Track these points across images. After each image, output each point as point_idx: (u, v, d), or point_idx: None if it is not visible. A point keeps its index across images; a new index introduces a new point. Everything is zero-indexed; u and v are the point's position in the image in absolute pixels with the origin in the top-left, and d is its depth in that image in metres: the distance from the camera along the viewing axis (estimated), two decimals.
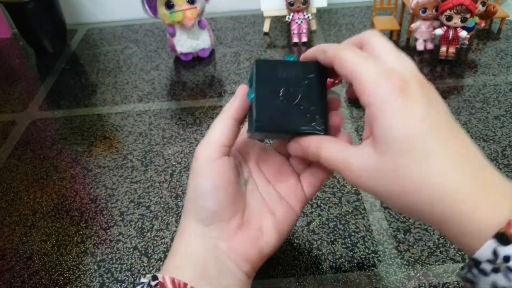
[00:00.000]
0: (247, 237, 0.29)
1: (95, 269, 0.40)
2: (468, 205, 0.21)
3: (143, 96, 0.64)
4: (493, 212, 0.21)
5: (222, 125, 0.29)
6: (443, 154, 0.22)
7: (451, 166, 0.22)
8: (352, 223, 0.42)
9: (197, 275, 0.27)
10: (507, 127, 0.52)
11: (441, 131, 0.23)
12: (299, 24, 0.72)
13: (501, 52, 0.67)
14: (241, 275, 0.29)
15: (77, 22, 0.89)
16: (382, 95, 0.23)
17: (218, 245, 0.29)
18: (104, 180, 0.50)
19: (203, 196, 0.28)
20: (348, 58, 0.25)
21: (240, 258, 0.29)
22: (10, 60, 0.79)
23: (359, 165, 0.25)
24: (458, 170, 0.22)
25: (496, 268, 0.20)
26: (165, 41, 0.79)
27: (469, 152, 0.23)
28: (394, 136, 0.22)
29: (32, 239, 0.44)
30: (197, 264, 0.28)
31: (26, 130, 0.60)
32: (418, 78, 0.24)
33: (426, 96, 0.23)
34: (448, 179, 0.22)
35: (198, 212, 0.29)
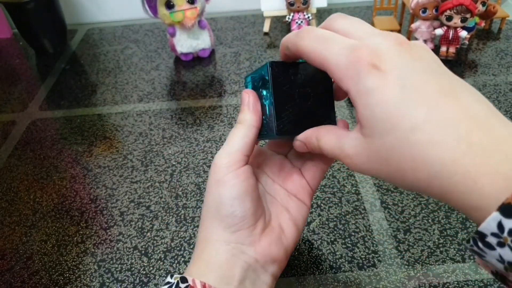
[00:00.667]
0: (272, 238, 0.30)
1: (95, 269, 0.40)
2: (468, 176, 0.19)
3: (143, 96, 0.64)
4: (496, 181, 0.18)
5: (243, 134, 0.29)
6: (431, 122, 0.20)
7: (443, 133, 0.19)
8: (352, 223, 0.42)
9: (223, 282, 0.27)
10: None
11: (426, 94, 0.20)
12: (299, 24, 0.72)
13: (501, 52, 0.67)
14: (267, 278, 0.29)
15: (77, 22, 0.89)
16: (353, 76, 0.22)
17: (245, 251, 0.29)
18: (104, 180, 0.50)
19: (230, 204, 0.28)
20: (309, 47, 0.24)
21: (268, 260, 0.29)
22: (10, 60, 0.79)
23: (353, 151, 0.24)
24: (453, 137, 0.19)
25: (502, 242, 0.18)
26: (165, 41, 0.79)
27: (466, 110, 0.20)
28: (374, 116, 0.21)
29: (32, 239, 0.44)
30: (222, 270, 0.28)
31: (26, 130, 0.60)
32: (391, 39, 0.22)
33: (405, 57, 0.21)
34: (443, 151, 0.19)
35: (223, 220, 0.28)
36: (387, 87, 0.21)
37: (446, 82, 0.21)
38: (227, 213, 0.28)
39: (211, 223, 0.29)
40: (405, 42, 0.22)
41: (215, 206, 0.29)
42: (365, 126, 0.22)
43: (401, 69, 0.21)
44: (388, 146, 0.21)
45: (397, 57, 0.21)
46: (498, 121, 0.20)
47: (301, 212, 0.32)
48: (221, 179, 0.28)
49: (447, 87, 0.21)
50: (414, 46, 0.22)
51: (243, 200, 0.28)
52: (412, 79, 0.21)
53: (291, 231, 0.31)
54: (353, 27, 0.24)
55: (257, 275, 0.29)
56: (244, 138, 0.29)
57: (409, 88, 0.20)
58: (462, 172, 0.19)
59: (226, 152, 0.29)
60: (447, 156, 0.19)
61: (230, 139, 0.29)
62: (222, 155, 0.29)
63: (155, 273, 0.40)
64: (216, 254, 0.28)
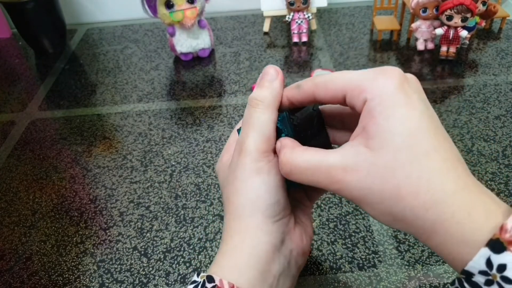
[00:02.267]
0: (302, 230, 0.30)
1: (94, 270, 0.40)
2: (463, 209, 0.20)
3: (142, 96, 0.64)
4: (487, 217, 0.20)
5: (269, 118, 0.27)
6: (442, 154, 0.21)
7: (449, 167, 0.21)
8: (353, 223, 0.42)
9: (259, 276, 0.26)
10: (507, 127, 0.52)
11: (437, 131, 0.22)
12: (299, 23, 0.72)
13: (501, 52, 0.67)
14: (295, 270, 0.29)
15: (77, 22, 0.89)
16: (382, 88, 0.22)
17: (285, 240, 0.28)
18: (103, 180, 0.50)
19: (275, 192, 0.27)
20: (328, 79, 0.25)
21: (300, 252, 0.29)
22: (10, 60, 0.79)
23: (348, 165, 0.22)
24: (454, 173, 0.21)
25: (490, 280, 0.19)
26: (165, 41, 0.78)
27: (458, 156, 0.22)
28: (394, 130, 0.21)
29: (32, 239, 0.44)
30: (262, 264, 0.26)
31: (26, 130, 0.60)
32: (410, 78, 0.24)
33: (421, 95, 0.23)
34: (447, 181, 0.21)
35: (267, 209, 0.27)
36: (412, 106, 0.22)
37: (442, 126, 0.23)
38: (273, 201, 0.27)
39: (250, 213, 0.27)
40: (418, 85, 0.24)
41: (255, 195, 0.27)
42: (377, 138, 0.22)
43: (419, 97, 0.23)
44: (399, 163, 0.21)
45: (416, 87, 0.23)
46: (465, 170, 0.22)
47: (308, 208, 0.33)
48: (261, 169, 0.27)
49: (444, 131, 0.23)
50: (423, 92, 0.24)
51: (284, 190, 0.28)
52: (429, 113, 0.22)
53: (309, 225, 0.31)
54: None
55: (289, 268, 0.28)
56: (270, 124, 0.27)
57: (426, 115, 0.22)
58: (459, 203, 0.20)
59: (260, 141, 0.27)
60: (449, 187, 0.21)
61: (256, 124, 0.27)
62: (257, 143, 0.27)
63: (155, 273, 0.40)
64: (258, 245, 0.27)
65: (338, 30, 0.77)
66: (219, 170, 0.31)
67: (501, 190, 0.44)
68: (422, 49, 0.68)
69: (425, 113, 0.22)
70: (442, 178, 0.21)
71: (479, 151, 0.49)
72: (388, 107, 0.22)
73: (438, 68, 0.65)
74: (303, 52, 0.72)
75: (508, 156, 0.48)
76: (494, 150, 0.49)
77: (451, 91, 0.59)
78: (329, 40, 0.74)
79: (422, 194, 0.21)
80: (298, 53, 0.72)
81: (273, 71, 0.28)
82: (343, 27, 0.78)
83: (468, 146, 0.50)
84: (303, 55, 0.71)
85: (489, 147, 0.50)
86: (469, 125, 0.53)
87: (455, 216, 0.20)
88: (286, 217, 0.28)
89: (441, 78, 0.62)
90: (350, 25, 0.78)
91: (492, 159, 0.48)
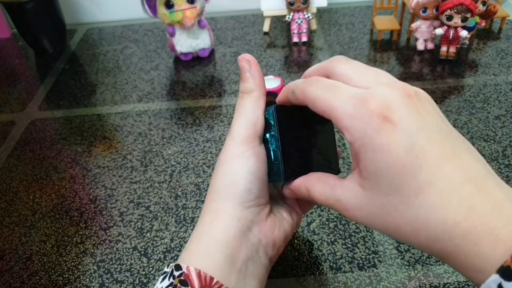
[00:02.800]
0: (276, 222, 0.30)
1: (94, 270, 0.40)
2: (469, 238, 0.19)
3: (142, 96, 0.64)
4: (496, 243, 0.19)
5: (254, 106, 0.28)
6: (437, 185, 0.20)
7: (447, 196, 0.20)
8: (353, 223, 0.42)
9: (227, 260, 0.27)
10: (507, 127, 0.52)
11: (433, 155, 0.20)
12: (299, 23, 0.72)
13: (501, 52, 0.67)
14: (266, 260, 0.29)
15: (77, 22, 0.89)
16: (360, 128, 0.21)
17: (252, 228, 0.29)
18: (103, 180, 0.50)
19: (249, 180, 0.28)
20: (315, 93, 0.23)
21: (270, 242, 0.29)
22: (10, 60, 0.79)
23: (352, 205, 0.23)
24: (455, 200, 0.20)
25: None
26: (164, 41, 0.78)
27: (468, 171, 0.20)
28: (380, 173, 0.20)
29: (32, 239, 0.44)
30: (229, 249, 0.27)
31: (26, 130, 0.60)
32: (399, 90, 0.21)
33: (413, 111, 0.21)
34: (445, 214, 0.20)
35: (238, 194, 0.28)
36: (395, 145, 0.20)
37: (450, 142, 0.21)
38: (245, 188, 0.28)
39: (224, 197, 0.28)
40: (413, 94, 0.21)
41: (231, 180, 0.28)
42: (367, 180, 0.22)
43: (410, 125, 0.20)
44: (392, 206, 0.21)
45: (407, 112, 0.21)
46: (494, 183, 0.20)
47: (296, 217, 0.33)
48: (242, 154, 0.28)
49: (450, 148, 0.21)
50: (421, 100, 0.22)
51: (261, 179, 0.28)
52: (419, 139, 0.20)
53: (290, 220, 0.31)
54: (357, 73, 0.23)
55: (258, 256, 0.29)
56: (256, 110, 0.28)
57: (416, 149, 0.20)
58: (462, 234, 0.19)
59: (244, 126, 0.28)
60: (449, 219, 0.19)
61: (242, 112, 0.29)
62: (241, 129, 0.28)
63: (155, 273, 0.40)
64: (226, 229, 0.28)
65: (338, 30, 0.77)
66: None
67: None
68: (422, 49, 0.68)
69: (413, 149, 0.20)
70: (440, 211, 0.20)
71: (479, 151, 0.49)
72: (369, 150, 0.21)
73: (438, 68, 0.65)
74: (303, 52, 0.72)
75: (508, 156, 0.48)
76: (494, 150, 0.49)
77: (451, 91, 0.59)
78: (329, 40, 0.74)
79: (423, 231, 0.20)
80: (298, 53, 0.72)
81: (245, 64, 0.29)
82: (343, 27, 0.78)
83: None
84: (303, 55, 0.71)
85: (489, 147, 0.50)
86: (469, 125, 0.53)
87: (459, 247, 0.19)
88: (259, 206, 0.29)
89: (441, 78, 0.62)
90: (350, 25, 0.78)
91: (492, 159, 0.48)
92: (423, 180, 0.20)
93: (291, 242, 0.41)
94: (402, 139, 0.20)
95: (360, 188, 0.22)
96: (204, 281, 0.25)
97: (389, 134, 0.20)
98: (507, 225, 0.19)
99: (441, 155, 0.20)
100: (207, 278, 0.25)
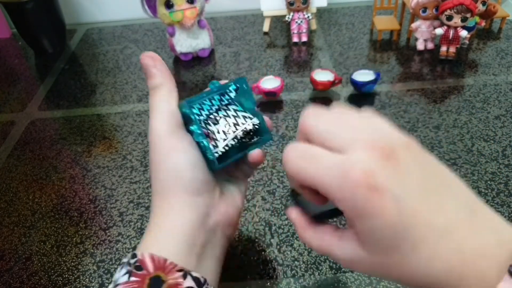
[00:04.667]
0: (229, 202, 0.31)
1: (94, 270, 0.40)
2: (461, 284, 0.21)
3: (142, 96, 0.64)
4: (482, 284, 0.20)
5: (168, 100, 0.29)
6: (430, 239, 0.21)
7: (438, 248, 0.21)
8: None
9: (184, 246, 0.27)
10: (507, 127, 0.52)
11: (420, 213, 0.21)
12: (299, 23, 0.72)
13: (501, 52, 0.67)
14: (224, 240, 0.31)
15: (77, 22, 0.89)
16: (349, 200, 0.21)
17: (209, 213, 0.30)
18: (103, 181, 0.50)
19: (191, 169, 0.29)
20: (295, 168, 0.23)
21: (227, 223, 0.31)
22: (10, 60, 0.79)
23: (350, 261, 0.24)
24: (445, 250, 0.21)
25: None
26: (164, 41, 0.78)
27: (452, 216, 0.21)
28: (377, 237, 0.21)
29: (31, 239, 0.44)
30: (185, 235, 0.28)
31: (25, 130, 0.60)
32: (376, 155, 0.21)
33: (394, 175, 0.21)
34: (438, 263, 0.21)
35: (186, 185, 0.29)
36: (385, 211, 0.20)
37: (433, 196, 0.22)
38: (191, 177, 0.29)
39: (172, 191, 0.29)
40: (391, 155, 0.21)
41: (175, 174, 0.29)
42: (366, 244, 0.22)
43: (395, 190, 0.21)
44: (392, 263, 0.22)
45: (389, 177, 0.21)
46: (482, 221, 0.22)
47: (244, 185, 0.34)
48: (175, 147, 0.29)
49: (434, 204, 0.21)
50: (399, 158, 0.21)
51: (201, 165, 0.29)
52: (406, 200, 0.21)
53: (239, 196, 0.33)
54: (331, 133, 0.23)
55: (217, 238, 0.30)
56: (172, 102, 0.29)
57: (405, 210, 0.21)
58: (456, 282, 0.21)
59: (165, 120, 0.29)
60: (443, 269, 0.21)
61: (157, 107, 0.29)
62: (163, 124, 0.29)
63: None
64: (181, 219, 0.28)
65: (338, 30, 0.77)
66: None
67: (501, 190, 0.44)
68: (422, 49, 0.68)
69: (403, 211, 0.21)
70: (435, 262, 0.21)
71: (479, 151, 0.49)
72: (362, 219, 0.21)
73: (438, 68, 0.65)
74: (303, 52, 0.72)
75: (508, 156, 0.48)
76: (494, 150, 0.49)
77: (451, 91, 0.59)
78: (329, 40, 0.74)
79: (421, 282, 0.22)
80: (298, 53, 0.71)
81: (148, 61, 0.30)
82: (343, 27, 0.78)
83: (468, 146, 0.50)
84: (303, 55, 0.71)
85: (489, 147, 0.50)
86: (469, 125, 0.53)
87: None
88: (210, 191, 0.30)
89: (441, 78, 0.62)
90: (350, 25, 0.78)
91: (492, 159, 0.48)
92: (417, 237, 0.21)
93: (291, 242, 0.41)
94: (391, 204, 0.21)
95: (359, 248, 0.23)
96: (158, 263, 0.26)
97: (378, 201, 0.20)
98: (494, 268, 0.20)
99: (428, 211, 0.21)
100: (160, 260, 0.26)
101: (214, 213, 0.30)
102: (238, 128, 0.31)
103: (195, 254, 0.28)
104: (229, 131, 0.30)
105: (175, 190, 0.29)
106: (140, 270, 0.26)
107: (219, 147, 0.30)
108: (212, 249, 0.29)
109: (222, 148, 0.30)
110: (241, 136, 0.31)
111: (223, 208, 0.31)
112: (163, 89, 0.30)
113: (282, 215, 0.44)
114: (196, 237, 0.28)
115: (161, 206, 0.29)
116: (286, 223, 0.43)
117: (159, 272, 0.26)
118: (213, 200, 0.30)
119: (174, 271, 0.26)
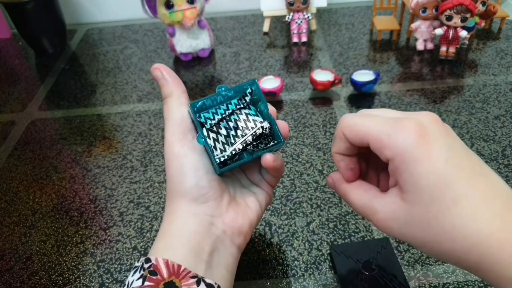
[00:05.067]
0: (239, 211, 0.31)
1: (94, 270, 0.40)
2: (503, 249, 0.21)
3: (142, 96, 0.64)
4: None
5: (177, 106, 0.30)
6: (472, 196, 0.22)
7: (482, 209, 0.21)
8: (352, 223, 0.42)
9: (192, 253, 0.27)
10: (507, 127, 0.52)
11: (465, 170, 0.22)
12: (299, 24, 0.72)
13: (501, 52, 0.67)
14: (233, 249, 0.30)
15: (77, 22, 0.89)
16: (399, 145, 0.23)
17: (214, 222, 0.29)
18: (103, 180, 0.50)
19: (193, 175, 0.29)
20: (354, 122, 0.26)
21: (235, 232, 0.30)
22: (10, 60, 0.79)
23: (388, 215, 0.25)
24: (489, 213, 0.21)
25: None
26: (164, 41, 0.78)
27: (496, 189, 0.22)
28: (421, 186, 0.22)
29: (32, 239, 0.44)
30: (191, 244, 0.28)
31: (26, 130, 0.60)
32: (429, 117, 0.24)
33: (445, 135, 0.23)
34: (481, 224, 0.21)
35: (188, 193, 0.29)
36: (433, 159, 0.22)
37: (477, 162, 0.23)
38: (192, 183, 0.29)
39: (176, 197, 0.29)
40: (440, 121, 0.24)
41: (178, 180, 0.29)
42: (409, 193, 0.23)
43: (442, 144, 0.23)
44: (431, 215, 0.22)
45: (439, 134, 0.23)
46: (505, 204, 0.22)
47: (265, 196, 0.33)
48: (178, 153, 0.29)
49: (478, 167, 0.23)
50: (447, 128, 0.24)
51: (206, 171, 0.29)
52: (451, 155, 0.23)
53: (256, 208, 0.32)
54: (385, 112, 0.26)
55: (225, 246, 0.29)
56: (180, 108, 0.30)
57: (450, 163, 0.22)
58: (498, 245, 0.21)
59: (173, 127, 0.30)
60: (484, 230, 0.21)
61: (169, 115, 0.30)
62: (171, 130, 0.30)
63: None
64: (185, 226, 0.29)
65: (338, 30, 0.77)
66: None
67: None
68: (422, 49, 0.68)
69: (449, 161, 0.22)
70: (475, 222, 0.21)
71: (479, 151, 0.49)
72: (410, 164, 0.23)
73: (437, 68, 0.65)
74: (303, 52, 0.72)
75: (507, 156, 0.48)
76: (494, 150, 0.49)
77: (451, 91, 0.59)
78: (328, 40, 0.74)
79: (459, 240, 0.22)
80: (298, 53, 0.72)
81: (157, 73, 0.32)
82: (343, 27, 0.78)
83: (467, 146, 0.50)
84: (302, 55, 0.71)
85: (489, 147, 0.50)
86: (469, 125, 0.53)
87: (495, 257, 0.21)
88: (215, 199, 0.30)
89: (440, 78, 0.62)
90: (350, 25, 0.78)
91: (491, 159, 0.48)
92: (459, 191, 0.22)
93: (291, 242, 0.41)
94: (440, 152, 0.22)
95: (400, 201, 0.24)
96: (172, 269, 0.26)
97: (427, 148, 0.22)
98: None
99: (471, 172, 0.22)
100: (174, 266, 0.26)
101: (219, 222, 0.29)
102: (248, 132, 0.30)
103: (203, 261, 0.28)
104: (239, 135, 0.30)
105: (178, 196, 0.29)
106: (154, 275, 0.26)
107: (227, 151, 0.29)
108: (221, 257, 0.29)
109: (229, 152, 0.29)
110: (250, 140, 0.30)
111: (231, 217, 0.30)
112: (173, 97, 0.31)
113: (282, 215, 0.44)
114: (202, 244, 0.28)
115: (168, 212, 0.30)
116: (286, 223, 0.43)
117: (173, 278, 0.26)
118: (218, 209, 0.30)
119: (188, 278, 0.26)
